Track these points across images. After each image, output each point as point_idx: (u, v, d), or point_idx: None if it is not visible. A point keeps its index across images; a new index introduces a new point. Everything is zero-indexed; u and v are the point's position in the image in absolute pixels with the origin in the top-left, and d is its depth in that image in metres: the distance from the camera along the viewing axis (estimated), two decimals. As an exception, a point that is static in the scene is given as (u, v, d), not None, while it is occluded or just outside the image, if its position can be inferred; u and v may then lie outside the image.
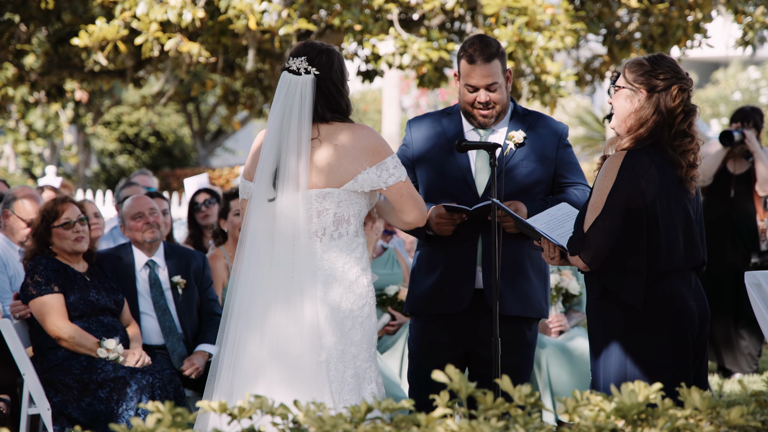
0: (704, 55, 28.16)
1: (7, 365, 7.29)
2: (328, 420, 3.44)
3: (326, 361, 5.24)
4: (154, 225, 7.80)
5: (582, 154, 29.47)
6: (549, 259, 5.35)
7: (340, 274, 5.31)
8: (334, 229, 5.32)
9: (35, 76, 16.36)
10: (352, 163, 5.28)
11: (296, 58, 5.34)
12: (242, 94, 18.63)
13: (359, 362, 5.33)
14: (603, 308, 5.20)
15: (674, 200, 5.12)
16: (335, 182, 5.29)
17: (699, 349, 5.22)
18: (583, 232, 5.10)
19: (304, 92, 5.28)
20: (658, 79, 5.10)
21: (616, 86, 5.19)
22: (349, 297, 5.31)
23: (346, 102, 5.36)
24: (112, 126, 30.11)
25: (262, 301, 5.27)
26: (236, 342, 5.29)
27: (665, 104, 5.09)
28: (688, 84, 5.16)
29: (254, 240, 5.31)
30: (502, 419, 3.53)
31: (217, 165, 31.27)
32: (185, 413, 3.44)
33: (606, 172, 5.09)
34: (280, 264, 5.27)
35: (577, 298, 8.51)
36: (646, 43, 14.53)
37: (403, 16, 14.25)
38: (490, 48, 5.91)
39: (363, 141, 5.30)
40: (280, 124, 5.29)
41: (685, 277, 5.16)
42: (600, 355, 5.19)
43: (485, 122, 5.98)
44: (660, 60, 5.16)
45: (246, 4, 12.97)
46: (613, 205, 5.05)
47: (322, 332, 5.25)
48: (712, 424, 3.58)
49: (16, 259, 8.11)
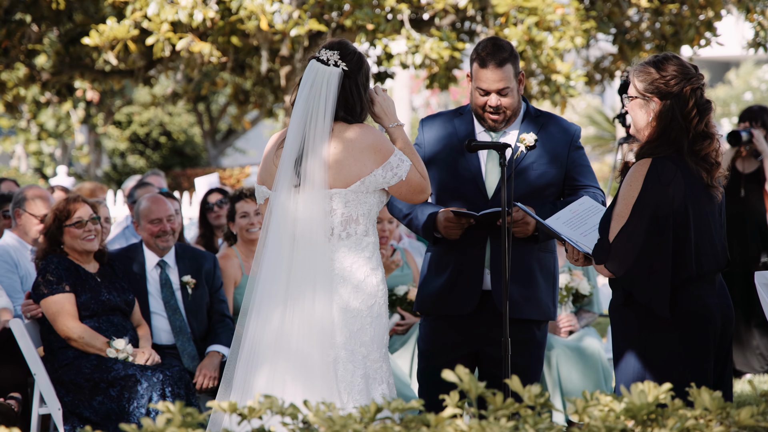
0: (715, 55, 28.09)
1: (18, 365, 7.31)
2: (338, 420, 3.44)
3: (334, 360, 5.25)
4: (170, 233, 7.80)
5: (593, 154, 29.43)
6: (573, 260, 5.32)
7: (348, 273, 5.31)
8: (342, 229, 5.32)
9: (46, 76, 16.40)
10: (356, 162, 5.28)
11: (328, 50, 5.36)
12: (252, 93, 18.65)
13: (369, 362, 5.32)
14: (624, 309, 5.17)
15: (701, 205, 5.07)
16: (342, 182, 5.29)
17: (723, 350, 5.19)
18: (608, 241, 5.06)
19: (330, 82, 5.30)
20: (668, 85, 5.05)
21: (628, 96, 5.15)
22: (358, 296, 5.30)
23: (362, 107, 5.36)
24: (123, 126, 30.15)
25: (275, 300, 5.28)
26: (253, 340, 5.30)
27: (680, 109, 5.05)
28: (699, 81, 5.10)
29: (275, 238, 5.31)
30: (511, 419, 3.53)
31: (227, 165, 31.28)
32: (195, 413, 3.44)
33: (631, 180, 5.04)
34: (295, 262, 5.28)
35: (588, 299, 8.49)
36: (659, 43, 14.51)
37: (413, 16, 14.25)
38: (502, 52, 5.90)
39: (364, 140, 5.30)
40: (306, 112, 5.31)
41: (709, 279, 5.13)
42: (620, 358, 5.17)
43: (495, 126, 5.98)
44: (665, 63, 5.10)
45: (257, 5, 12.98)
46: (640, 214, 5.00)
47: (330, 332, 5.25)
48: (722, 424, 3.57)
49: (27, 259, 8.12)
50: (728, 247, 5.28)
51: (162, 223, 7.78)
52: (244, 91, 18.61)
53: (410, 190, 5.39)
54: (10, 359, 7.37)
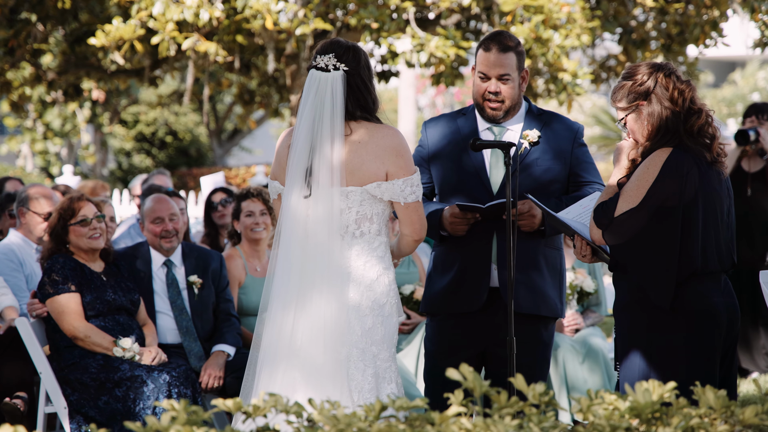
0: (721, 55, 28.08)
1: (24, 363, 7.32)
2: (343, 418, 3.44)
3: (346, 359, 5.25)
4: (173, 232, 7.78)
5: (598, 154, 29.41)
6: (581, 256, 5.34)
7: (360, 272, 5.30)
8: (356, 227, 5.31)
9: (52, 76, 16.41)
10: (374, 161, 5.26)
11: (324, 55, 5.32)
12: (258, 93, 18.66)
13: (380, 362, 5.32)
14: (629, 309, 5.19)
15: (712, 202, 5.12)
16: (358, 181, 5.28)
17: (728, 349, 5.20)
18: (613, 212, 5.10)
19: (335, 89, 5.26)
20: (642, 83, 5.16)
21: (621, 121, 5.24)
22: (370, 295, 5.30)
23: (373, 98, 5.34)
24: (128, 125, 30.17)
25: (288, 301, 5.27)
26: (269, 342, 5.30)
27: (663, 95, 5.13)
28: (669, 68, 5.20)
29: (288, 239, 5.31)
30: (516, 418, 3.53)
31: (233, 164, 31.30)
32: (199, 411, 3.44)
33: (649, 165, 5.10)
34: (308, 262, 5.27)
35: (594, 297, 8.49)
36: (664, 43, 14.51)
37: (418, 15, 14.26)
38: (508, 41, 5.94)
39: (387, 140, 5.28)
40: (311, 122, 5.26)
41: (714, 278, 5.15)
42: (625, 356, 5.19)
43: (494, 115, 5.98)
44: (631, 70, 5.24)
45: (263, 4, 12.99)
46: (650, 199, 5.06)
47: (342, 331, 5.25)
48: (726, 423, 3.57)
49: (32, 257, 8.14)
50: (737, 246, 5.31)
51: (164, 223, 7.77)
52: (250, 91, 18.62)
53: (420, 216, 5.42)
54: (17, 358, 7.39)
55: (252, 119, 22.48)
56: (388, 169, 5.28)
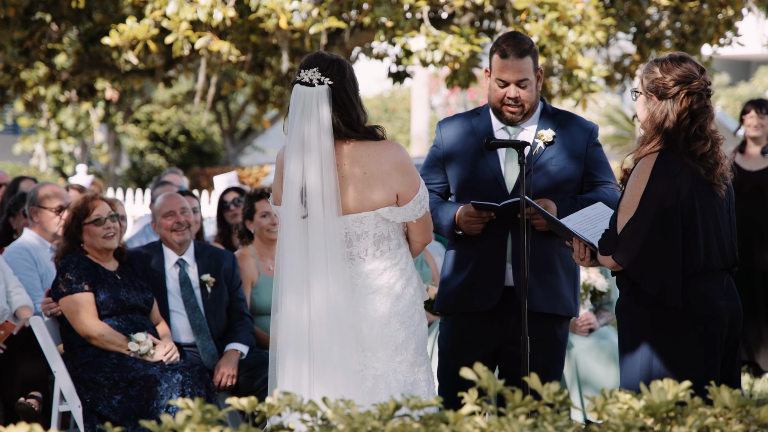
0: (737, 53, 27.99)
1: (39, 362, 7.34)
2: (357, 417, 3.44)
3: (374, 377, 5.25)
4: (185, 225, 7.81)
5: (612, 153, 29.34)
6: (579, 260, 5.34)
7: (386, 289, 5.28)
8: (376, 248, 5.29)
9: (66, 76, 16.44)
10: (383, 183, 5.22)
11: (307, 69, 5.22)
12: (272, 92, 18.66)
13: (411, 373, 5.35)
14: (631, 308, 5.20)
15: (707, 199, 5.11)
16: (369, 206, 5.24)
17: (730, 350, 5.20)
18: (616, 233, 5.09)
19: (320, 103, 5.17)
20: (666, 86, 5.12)
21: (635, 90, 5.22)
22: (398, 309, 5.29)
23: (358, 113, 5.23)
24: (142, 125, 30.21)
25: (301, 329, 5.23)
26: (284, 362, 5.26)
27: (673, 110, 5.10)
28: (702, 86, 5.14)
29: (291, 262, 5.24)
30: (530, 417, 3.53)
31: (246, 164, 31.31)
32: (214, 410, 3.44)
33: (638, 173, 5.10)
34: (319, 285, 5.21)
35: (606, 297, 8.48)
36: (678, 42, 14.47)
37: (432, 14, 14.24)
38: (523, 44, 5.91)
39: (391, 160, 5.23)
40: (301, 139, 5.19)
41: (717, 278, 5.14)
42: (626, 354, 5.19)
43: (513, 119, 5.98)
44: (671, 64, 5.16)
45: (277, 3, 12.99)
46: (647, 205, 5.05)
47: (374, 349, 5.25)
48: (741, 422, 3.56)
49: (47, 256, 8.16)
50: (747, 247, 5.31)
51: (176, 216, 7.80)
52: (264, 91, 18.62)
53: (428, 223, 5.43)
54: (31, 357, 7.41)
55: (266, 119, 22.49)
56: (397, 191, 5.25)
